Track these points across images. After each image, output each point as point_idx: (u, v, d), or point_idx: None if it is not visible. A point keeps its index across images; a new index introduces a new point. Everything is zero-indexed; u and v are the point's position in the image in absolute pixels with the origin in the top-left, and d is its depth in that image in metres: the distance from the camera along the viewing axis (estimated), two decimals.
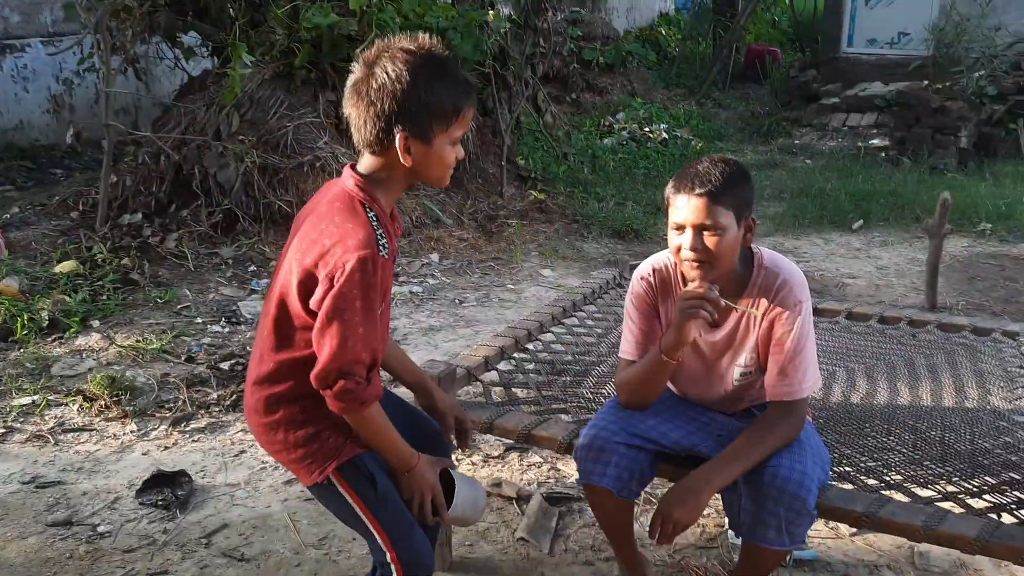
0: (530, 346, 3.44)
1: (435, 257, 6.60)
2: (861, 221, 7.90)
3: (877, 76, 12.63)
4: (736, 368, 2.37)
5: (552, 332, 3.61)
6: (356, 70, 1.86)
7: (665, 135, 10.94)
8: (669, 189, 2.24)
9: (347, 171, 1.96)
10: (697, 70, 15.21)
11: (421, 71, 1.82)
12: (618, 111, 11.85)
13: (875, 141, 10.85)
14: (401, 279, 6.12)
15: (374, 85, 1.81)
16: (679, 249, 2.20)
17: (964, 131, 10.14)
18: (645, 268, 2.46)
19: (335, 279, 1.79)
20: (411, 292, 5.84)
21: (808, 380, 2.27)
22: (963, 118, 10.20)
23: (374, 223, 1.85)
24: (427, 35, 1.91)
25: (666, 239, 2.27)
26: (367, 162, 1.94)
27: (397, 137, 1.84)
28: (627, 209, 8.02)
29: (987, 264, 6.74)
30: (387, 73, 1.80)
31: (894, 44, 13.07)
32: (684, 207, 2.17)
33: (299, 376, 1.94)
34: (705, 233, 2.15)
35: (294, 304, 1.91)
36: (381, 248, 1.83)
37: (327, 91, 6.94)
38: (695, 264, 2.18)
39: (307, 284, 1.86)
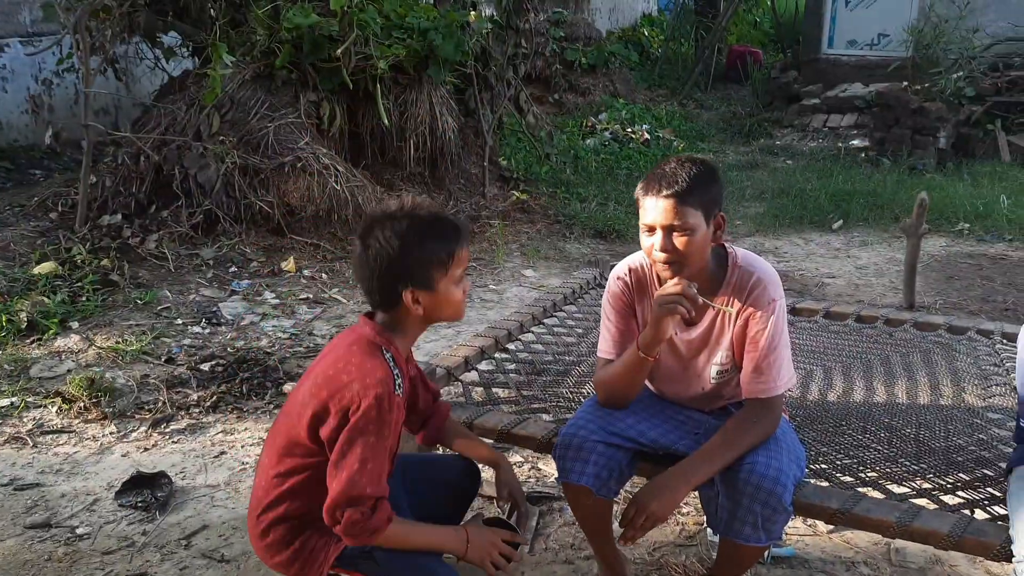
0: (510, 346, 3.45)
1: None
2: (841, 221, 7.96)
3: (857, 77, 12.73)
4: (712, 366, 2.39)
5: (532, 332, 3.62)
6: (354, 246, 2.02)
7: (647, 136, 10.97)
8: (639, 191, 2.26)
9: (363, 320, 2.07)
10: (679, 71, 15.27)
11: (409, 232, 1.95)
12: (600, 112, 11.88)
13: (855, 142, 10.94)
14: None
15: (371, 255, 1.96)
16: (651, 250, 2.22)
17: (943, 132, 10.23)
18: (621, 268, 2.48)
19: (350, 413, 1.89)
20: None
21: (783, 377, 2.29)
22: (942, 119, 10.29)
23: (391, 364, 1.95)
24: (409, 196, 2.08)
25: None
26: (382, 316, 2.07)
27: (404, 295, 1.97)
28: (609, 209, 8.05)
29: (965, 264, 6.80)
30: (379, 242, 1.95)
31: (874, 45, 13.18)
32: (653, 209, 2.19)
33: (292, 499, 2.05)
34: (674, 234, 2.18)
35: (301, 434, 2.00)
36: (397, 387, 1.93)
37: (308, 91, 6.92)
38: (667, 265, 2.20)
39: (320, 415, 1.95)
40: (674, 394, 2.53)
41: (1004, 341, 3.45)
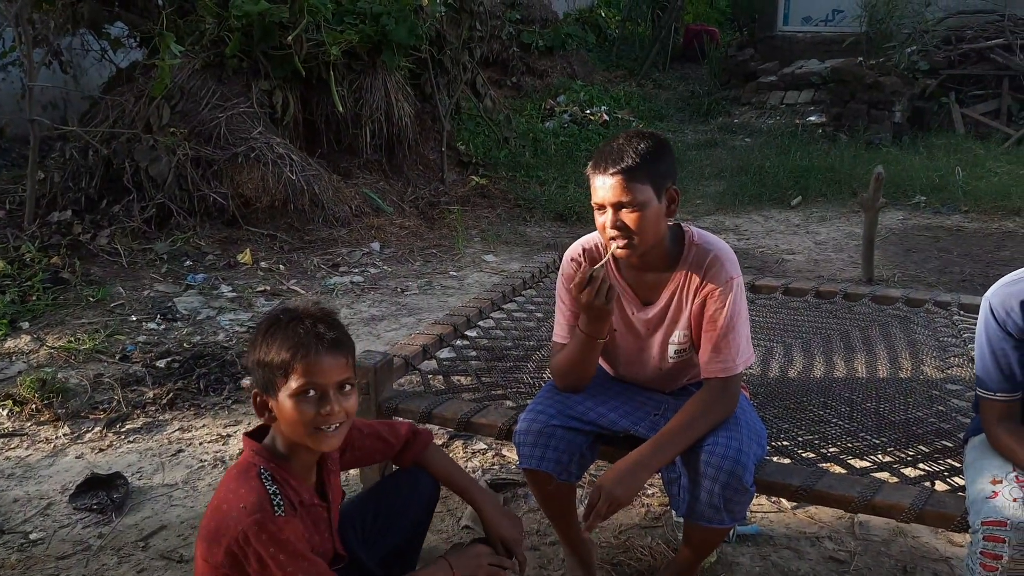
0: (470, 333, 3.41)
1: (376, 246, 6.53)
2: (800, 197, 8.01)
3: (813, 53, 12.81)
4: (670, 345, 2.36)
5: (492, 318, 3.58)
6: None
7: (606, 117, 10.97)
8: (589, 169, 2.23)
9: (244, 441, 1.91)
10: (636, 51, 15.27)
11: (257, 332, 1.83)
12: (559, 94, 11.85)
13: (812, 118, 11.01)
14: (342, 269, 6.05)
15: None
16: (604, 227, 2.19)
17: (898, 106, 10.33)
18: (575, 249, 2.45)
19: (242, 544, 1.72)
20: (352, 282, 5.77)
21: (742, 356, 2.27)
22: (896, 93, 10.38)
23: (267, 483, 1.78)
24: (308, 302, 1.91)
25: None
26: (270, 433, 1.90)
27: (258, 400, 1.82)
28: (569, 192, 8.02)
29: (922, 236, 6.87)
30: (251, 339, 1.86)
31: (828, 21, 13.27)
32: (602, 187, 2.16)
33: None
34: (624, 211, 2.14)
35: (203, 565, 1.83)
36: (276, 508, 1.75)
37: (260, 80, 6.81)
38: (622, 244, 2.17)
39: (213, 549, 1.77)
40: (633, 375, 2.51)
41: (961, 312, 3.47)
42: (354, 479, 3.16)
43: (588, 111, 11.13)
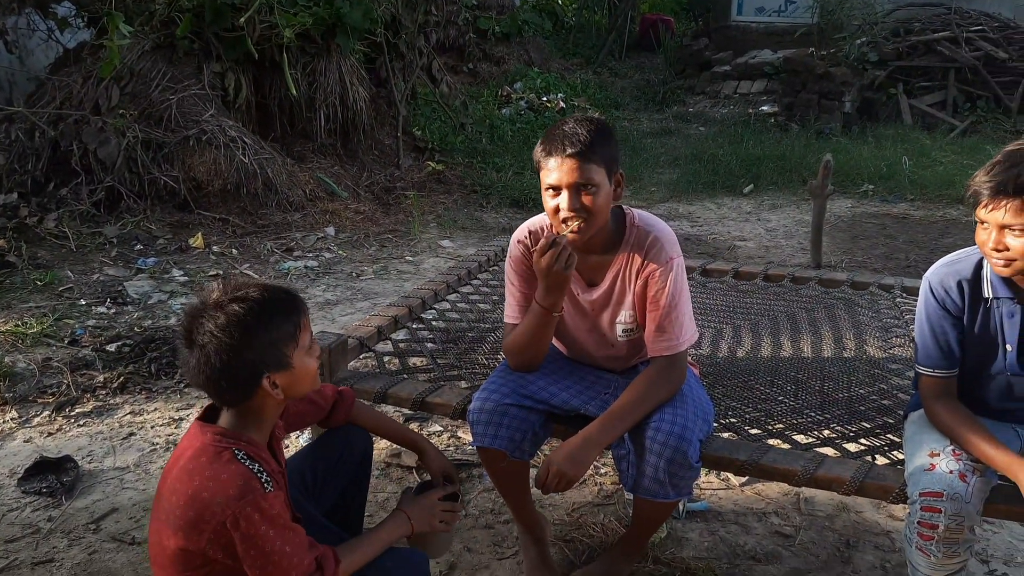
0: (425, 315, 3.42)
1: (331, 231, 6.49)
2: (752, 185, 8.12)
3: (766, 44, 12.97)
4: (618, 325, 2.41)
5: (447, 301, 3.60)
6: (187, 356, 1.78)
7: (563, 104, 11.01)
8: (539, 152, 2.24)
9: (197, 428, 1.85)
10: (593, 39, 15.32)
11: (250, 316, 1.76)
12: (515, 81, 11.86)
13: (765, 107, 11.16)
14: (296, 254, 6.01)
15: (212, 353, 1.74)
16: (556, 210, 2.21)
17: (848, 96, 10.51)
18: (522, 232, 2.47)
19: (229, 527, 1.72)
20: (306, 267, 5.74)
21: (686, 334, 2.32)
22: (847, 83, 10.56)
23: (247, 463, 1.78)
24: (227, 278, 1.84)
25: None
26: (228, 415, 1.87)
27: (263, 383, 1.79)
28: (525, 178, 8.05)
29: (870, 223, 7.01)
30: (216, 336, 1.74)
31: (781, 12, 13.43)
32: (557, 169, 2.18)
33: None
34: (581, 192, 2.17)
35: (175, 556, 1.81)
36: (265, 484, 1.76)
37: (212, 62, 6.72)
38: (575, 226, 2.20)
39: (192, 536, 1.75)
40: (585, 355, 2.55)
41: (904, 295, 3.56)
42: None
43: (544, 98, 11.16)
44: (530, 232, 2.43)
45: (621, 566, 2.58)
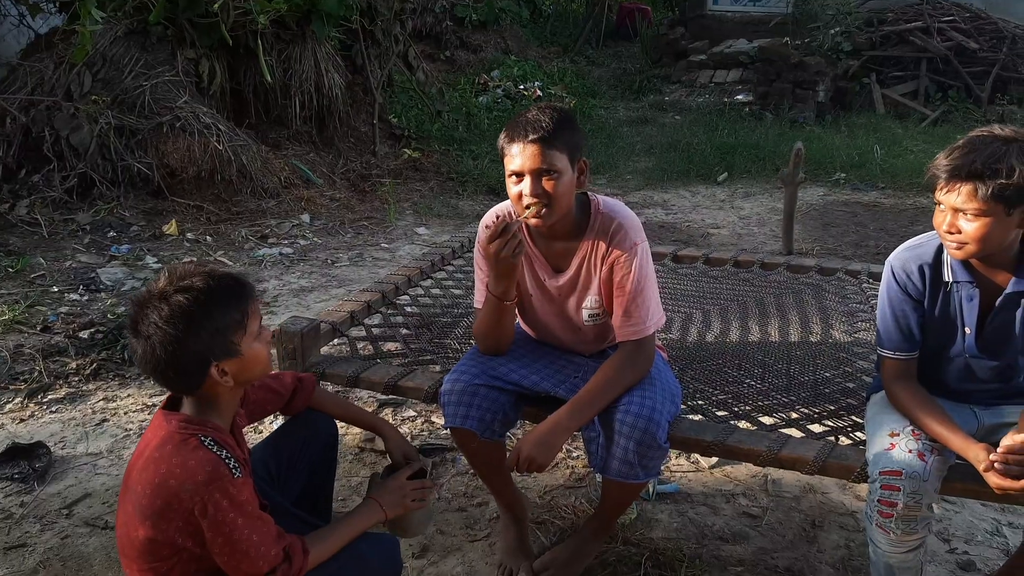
0: (398, 300, 3.44)
1: (306, 218, 6.49)
2: (726, 174, 8.18)
3: (742, 33, 13.02)
4: (584, 310, 2.44)
5: (421, 286, 3.62)
6: (134, 345, 1.78)
7: (539, 92, 11.02)
8: (502, 140, 2.27)
9: (161, 416, 1.86)
10: (570, 28, 15.34)
11: (194, 305, 1.75)
12: (492, 69, 11.85)
13: (740, 96, 11.22)
14: (271, 241, 6.00)
15: (157, 344, 1.74)
16: (519, 196, 2.24)
17: (821, 85, 10.60)
18: (489, 216, 2.50)
19: (197, 515, 1.73)
20: (281, 253, 5.74)
21: (652, 318, 2.35)
22: (820, 73, 10.64)
23: (215, 449, 1.79)
24: (174, 266, 1.82)
25: None
26: (189, 403, 1.88)
27: (211, 372, 1.80)
28: (501, 166, 8.02)
29: (841, 211, 7.09)
30: (160, 327, 1.73)
31: (757, 2, 13.48)
32: (519, 155, 2.20)
33: None
34: (543, 177, 2.20)
35: (143, 545, 1.81)
36: (233, 470, 1.77)
37: (185, 48, 6.68)
38: (536, 212, 2.22)
39: (161, 525, 1.76)
40: (554, 339, 2.58)
41: (870, 281, 3.62)
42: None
43: (521, 86, 11.17)
44: (497, 217, 2.46)
45: (590, 547, 2.62)
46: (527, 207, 2.23)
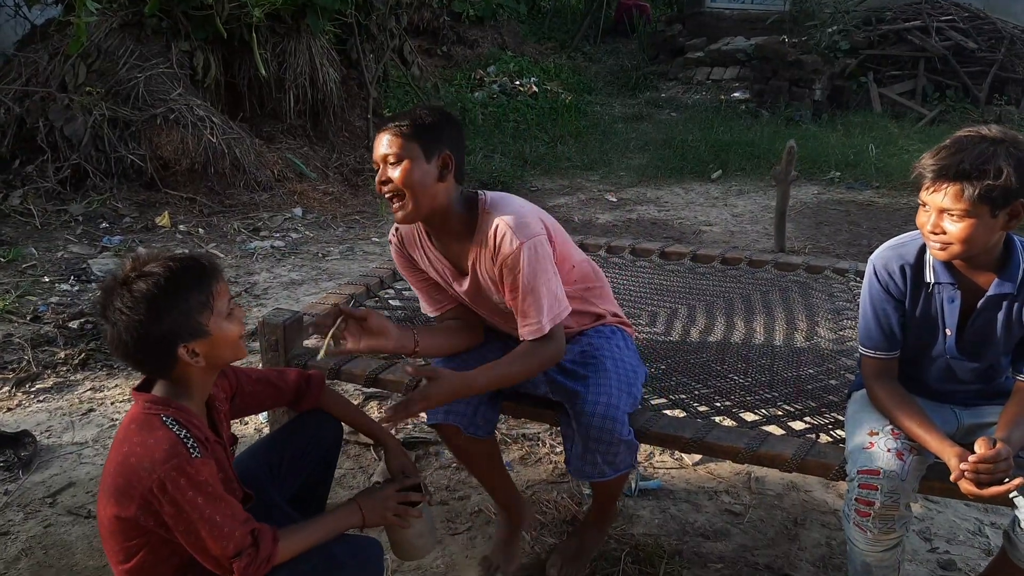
0: (382, 294, 3.44)
1: (298, 211, 6.48)
2: (720, 171, 8.18)
3: (739, 30, 13.00)
4: (502, 305, 2.37)
5: (405, 280, 3.61)
6: (105, 330, 1.81)
7: (535, 88, 10.99)
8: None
9: (134, 396, 1.89)
10: (568, 24, 15.30)
11: (156, 289, 1.77)
12: (489, 64, 11.83)
13: (736, 94, 11.21)
14: (263, 234, 6.00)
15: (124, 329, 1.77)
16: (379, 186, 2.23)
17: (818, 84, 10.59)
18: (393, 226, 2.46)
19: (157, 492, 1.73)
20: (272, 247, 5.74)
21: (549, 314, 2.23)
22: (817, 71, 10.64)
23: (175, 428, 1.80)
24: (139, 253, 1.84)
25: (533, 191, 2.27)
26: (161, 385, 1.89)
27: (179, 353, 1.81)
28: (495, 162, 8.06)
29: (834, 210, 7.09)
30: (125, 312, 1.76)
31: None
32: (377, 143, 2.20)
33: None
34: (390, 166, 2.16)
35: (114, 524, 1.84)
36: (191, 450, 1.78)
37: (180, 40, 6.67)
38: (394, 201, 2.19)
39: (123, 503, 1.78)
40: (504, 332, 2.51)
41: (857, 279, 3.61)
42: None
43: (518, 82, 11.15)
44: (396, 227, 2.43)
45: (594, 537, 2.65)
46: (388, 198, 2.20)
